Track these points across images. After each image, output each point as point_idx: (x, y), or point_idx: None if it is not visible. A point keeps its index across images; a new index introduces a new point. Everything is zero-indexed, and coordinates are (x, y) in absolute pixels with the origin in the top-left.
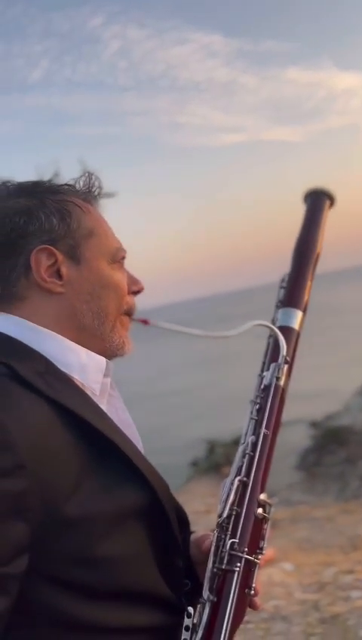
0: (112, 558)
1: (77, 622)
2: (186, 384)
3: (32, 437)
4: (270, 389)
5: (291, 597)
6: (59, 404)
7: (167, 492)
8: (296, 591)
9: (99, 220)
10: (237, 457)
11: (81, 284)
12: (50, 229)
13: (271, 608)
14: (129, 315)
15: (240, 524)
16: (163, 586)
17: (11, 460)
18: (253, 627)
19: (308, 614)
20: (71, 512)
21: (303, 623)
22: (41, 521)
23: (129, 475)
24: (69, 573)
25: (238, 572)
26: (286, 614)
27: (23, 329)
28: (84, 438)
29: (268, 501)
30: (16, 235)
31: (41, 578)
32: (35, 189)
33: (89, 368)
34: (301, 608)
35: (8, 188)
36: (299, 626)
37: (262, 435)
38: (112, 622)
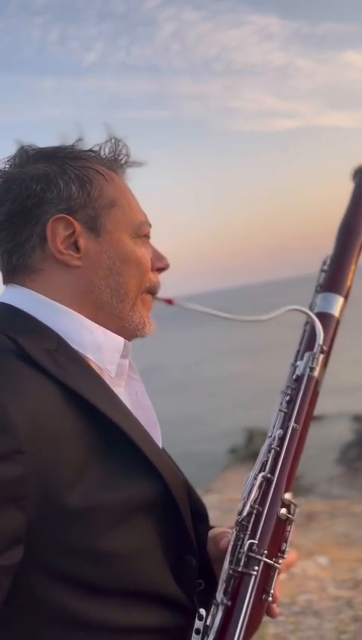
0: (117, 553)
1: (77, 619)
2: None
3: (33, 420)
4: (302, 380)
5: (324, 592)
6: (66, 385)
7: (181, 485)
8: (329, 586)
9: (124, 190)
10: (262, 452)
11: (99, 257)
12: (69, 197)
13: (303, 602)
14: (152, 294)
15: (261, 524)
16: (172, 585)
17: (8, 444)
18: (283, 620)
19: (341, 611)
20: (73, 502)
21: (335, 620)
22: (39, 510)
23: (139, 466)
24: (69, 566)
25: (256, 576)
26: (318, 610)
27: (36, 303)
28: (92, 423)
29: (293, 501)
30: (32, 203)
31: (40, 571)
32: (56, 154)
33: (105, 348)
34: (334, 605)
35: (28, 153)
36: (330, 623)
37: (291, 429)
38: (115, 621)
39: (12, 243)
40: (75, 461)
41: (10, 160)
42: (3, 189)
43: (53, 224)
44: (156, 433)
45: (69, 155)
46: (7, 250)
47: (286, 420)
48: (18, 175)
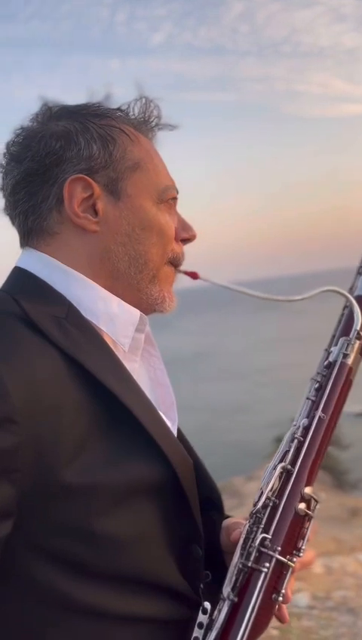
0: (114, 537)
1: (67, 601)
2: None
3: (31, 389)
4: (334, 366)
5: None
6: (70, 355)
7: (189, 470)
8: None
9: (150, 153)
10: (285, 441)
11: (118, 223)
12: (90, 157)
13: (338, 598)
14: (175, 266)
15: (276, 518)
16: (174, 574)
17: (2, 412)
18: (316, 614)
19: None
20: (70, 478)
21: None
22: (33, 484)
23: (143, 446)
24: (62, 546)
25: (266, 573)
26: (354, 607)
27: (50, 268)
28: (96, 397)
29: (313, 496)
30: (50, 162)
31: (31, 548)
32: (79, 111)
33: (119, 320)
34: None
35: (51, 110)
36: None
37: (317, 419)
38: (107, 607)
39: (29, 204)
40: (74, 435)
41: (33, 117)
42: (22, 147)
43: (71, 185)
44: (172, 413)
45: (93, 113)
46: (24, 211)
47: (312, 409)
48: (38, 132)
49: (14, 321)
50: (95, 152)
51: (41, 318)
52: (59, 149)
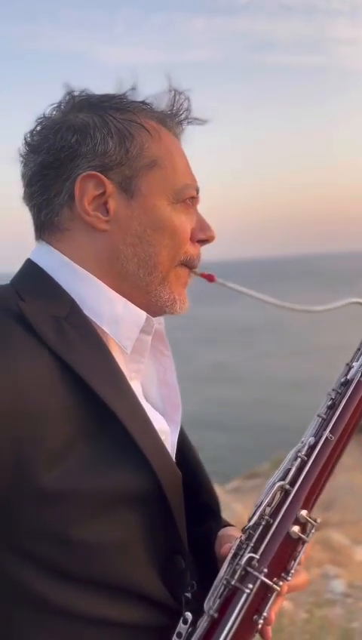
0: (91, 544)
1: (44, 602)
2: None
3: (15, 393)
4: (350, 385)
5: None
6: (63, 359)
7: (175, 481)
8: None
9: (170, 149)
10: (288, 458)
11: (129, 223)
12: (105, 153)
13: None
14: (189, 268)
15: (267, 538)
16: (153, 583)
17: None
18: (350, 602)
19: None
20: (49, 483)
21: None
22: (9, 487)
23: (128, 455)
24: (39, 549)
25: (248, 594)
26: None
27: (58, 265)
28: (85, 401)
29: (310, 520)
30: (65, 156)
31: (10, 549)
32: (101, 103)
33: (123, 321)
34: None
35: (74, 99)
36: None
37: (324, 439)
38: (83, 610)
39: (42, 197)
40: (57, 441)
41: (57, 105)
42: (41, 138)
43: (82, 181)
44: (176, 416)
45: (114, 106)
46: (38, 204)
47: (321, 428)
48: (57, 123)
49: (9, 322)
50: (110, 148)
51: (38, 318)
52: (74, 143)
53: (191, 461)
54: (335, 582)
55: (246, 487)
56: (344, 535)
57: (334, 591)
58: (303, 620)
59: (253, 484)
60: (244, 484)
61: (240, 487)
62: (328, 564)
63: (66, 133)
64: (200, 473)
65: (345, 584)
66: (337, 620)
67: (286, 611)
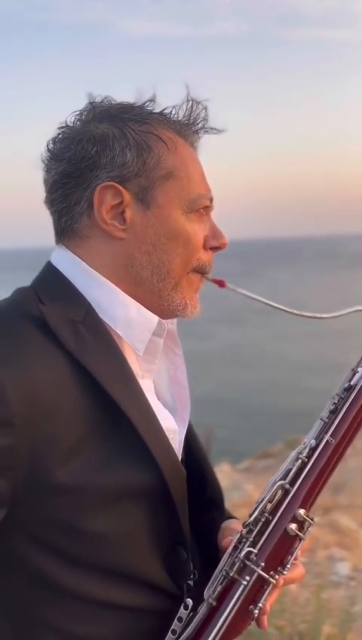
0: (100, 534)
1: (56, 585)
2: None
3: (32, 393)
4: (353, 390)
5: None
6: (79, 361)
7: (179, 478)
8: None
9: (186, 160)
10: (289, 459)
11: (144, 232)
12: (123, 165)
13: None
14: (202, 274)
15: (266, 534)
16: (157, 571)
17: (0, 416)
18: (354, 585)
19: None
20: (62, 478)
21: None
22: (26, 481)
23: (136, 453)
24: (53, 538)
25: (246, 585)
26: None
27: (76, 269)
28: (98, 402)
29: (307, 518)
30: (85, 166)
31: (24, 536)
32: (120, 115)
33: (136, 325)
34: None
35: (95, 110)
36: None
37: (324, 443)
38: (92, 593)
39: (63, 204)
40: (70, 438)
41: (78, 114)
42: (63, 147)
43: (101, 191)
44: (185, 414)
45: (133, 118)
46: (58, 210)
47: (323, 431)
48: (78, 133)
49: (27, 325)
50: (129, 160)
51: (57, 322)
52: (94, 154)
53: (198, 457)
54: (340, 564)
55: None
56: (352, 519)
57: (339, 573)
58: (305, 600)
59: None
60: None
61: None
62: (334, 547)
63: (87, 144)
64: (206, 468)
65: (350, 567)
66: (339, 603)
67: (290, 591)
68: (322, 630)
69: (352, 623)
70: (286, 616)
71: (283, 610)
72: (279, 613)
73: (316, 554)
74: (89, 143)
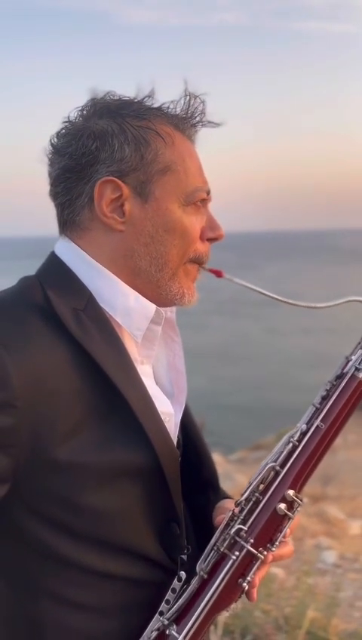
0: (97, 509)
1: (56, 555)
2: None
3: (33, 376)
4: (344, 378)
5: None
6: (81, 346)
7: (173, 458)
8: None
9: (183, 155)
10: (281, 442)
11: (143, 224)
12: (122, 159)
13: None
14: (199, 264)
15: (256, 513)
16: (152, 545)
17: (3, 397)
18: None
19: None
20: (61, 456)
21: None
22: (27, 458)
23: (132, 434)
24: (53, 512)
25: (235, 560)
26: None
27: (79, 260)
28: (98, 385)
29: (296, 499)
30: (86, 161)
31: (26, 509)
32: (119, 110)
33: (135, 313)
34: None
35: (95, 106)
36: None
37: (315, 427)
38: (90, 564)
39: (65, 198)
40: (70, 420)
41: (80, 110)
42: (64, 142)
43: (101, 186)
44: (181, 398)
45: (132, 113)
46: (61, 203)
47: (314, 417)
48: (79, 129)
49: (31, 311)
50: (127, 155)
51: (62, 309)
52: (94, 149)
53: (195, 439)
54: (327, 553)
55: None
56: (340, 509)
57: (325, 561)
58: (292, 586)
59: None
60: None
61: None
62: (322, 536)
63: (87, 140)
64: (202, 450)
65: (337, 556)
66: (325, 589)
67: (278, 578)
68: (307, 614)
69: (336, 608)
70: (272, 600)
71: (270, 595)
72: (266, 597)
73: (304, 542)
74: (89, 139)
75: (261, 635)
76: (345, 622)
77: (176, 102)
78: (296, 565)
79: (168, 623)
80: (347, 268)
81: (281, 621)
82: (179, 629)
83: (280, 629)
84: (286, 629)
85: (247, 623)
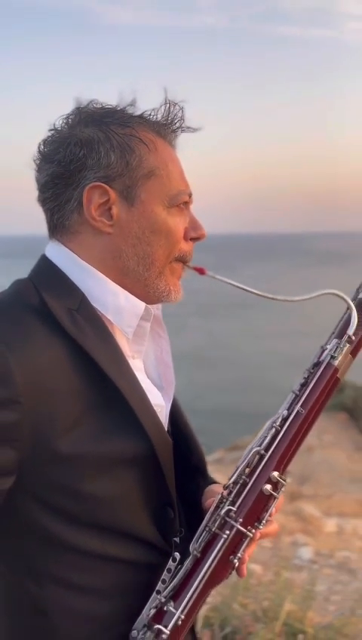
0: (97, 496)
1: (59, 540)
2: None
3: (35, 374)
4: (321, 365)
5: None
6: (78, 344)
7: (166, 446)
8: None
9: (165, 160)
10: (265, 427)
11: (130, 226)
12: (108, 166)
13: (341, 558)
14: (183, 262)
15: (243, 495)
16: (148, 529)
17: (7, 394)
18: (316, 569)
19: None
20: (62, 448)
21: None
22: (31, 451)
23: (129, 425)
24: (55, 500)
25: (226, 538)
26: (354, 568)
27: (70, 262)
28: (95, 381)
29: (280, 480)
30: (74, 167)
31: (30, 499)
32: (104, 119)
33: (125, 311)
34: None
35: (80, 114)
36: (360, 584)
37: (295, 413)
38: (90, 548)
39: (54, 203)
40: (69, 414)
41: (65, 118)
42: (52, 150)
43: (90, 191)
44: (169, 391)
45: (116, 122)
46: (51, 208)
47: (294, 403)
48: (66, 138)
49: (28, 312)
50: (113, 162)
51: (57, 309)
52: (82, 156)
53: (184, 429)
54: (303, 549)
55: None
56: (316, 507)
57: (302, 557)
58: (269, 581)
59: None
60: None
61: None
62: (298, 533)
63: (75, 147)
64: (191, 439)
65: (313, 552)
66: (301, 583)
67: (255, 573)
68: (284, 607)
69: (312, 601)
70: (250, 594)
71: (248, 589)
72: (244, 591)
73: (281, 539)
74: (76, 147)
75: (240, 626)
76: (320, 615)
77: (157, 109)
78: (274, 561)
79: (166, 600)
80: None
81: (259, 613)
82: (177, 604)
83: (258, 620)
84: (265, 620)
85: (226, 616)
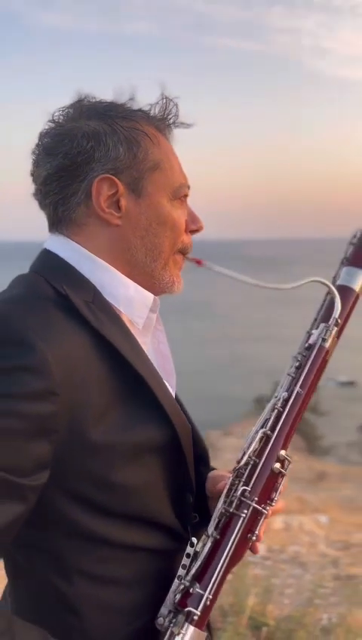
0: (126, 485)
1: (87, 532)
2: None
3: (67, 365)
4: (314, 348)
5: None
6: (100, 335)
7: (187, 432)
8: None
9: (168, 153)
10: (266, 410)
11: (138, 218)
12: (116, 158)
13: (292, 553)
14: (183, 254)
15: (256, 474)
16: (170, 515)
17: (45, 385)
18: (269, 564)
19: (325, 568)
20: (95, 438)
21: (317, 575)
22: (65, 442)
23: (153, 412)
24: (87, 492)
25: (244, 517)
26: (304, 562)
27: (78, 255)
28: (118, 370)
29: (287, 457)
30: (81, 160)
31: (61, 491)
32: (108, 112)
33: (135, 303)
34: (320, 560)
35: (82, 107)
36: (312, 576)
37: (295, 394)
38: (117, 537)
39: (59, 196)
40: (99, 403)
41: (65, 111)
42: (55, 142)
43: (99, 183)
44: (172, 381)
45: (120, 115)
46: (54, 202)
47: (292, 384)
48: (71, 130)
49: (52, 307)
50: (121, 154)
51: (79, 302)
52: (89, 149)
53: (189, 420)
54: None
55: None
56: None
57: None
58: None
59: None
60: None
61: None
62: None
63: (82, 140)
64: (194, 428)
65: (265, 549)
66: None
67: None
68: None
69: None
70: None
71: None
72: None
73: None
74: (83, 139)
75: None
76: (277, 608)
77: (154, 105)
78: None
79: (190, 583)
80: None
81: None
82: (202, 585)
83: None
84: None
85: None
